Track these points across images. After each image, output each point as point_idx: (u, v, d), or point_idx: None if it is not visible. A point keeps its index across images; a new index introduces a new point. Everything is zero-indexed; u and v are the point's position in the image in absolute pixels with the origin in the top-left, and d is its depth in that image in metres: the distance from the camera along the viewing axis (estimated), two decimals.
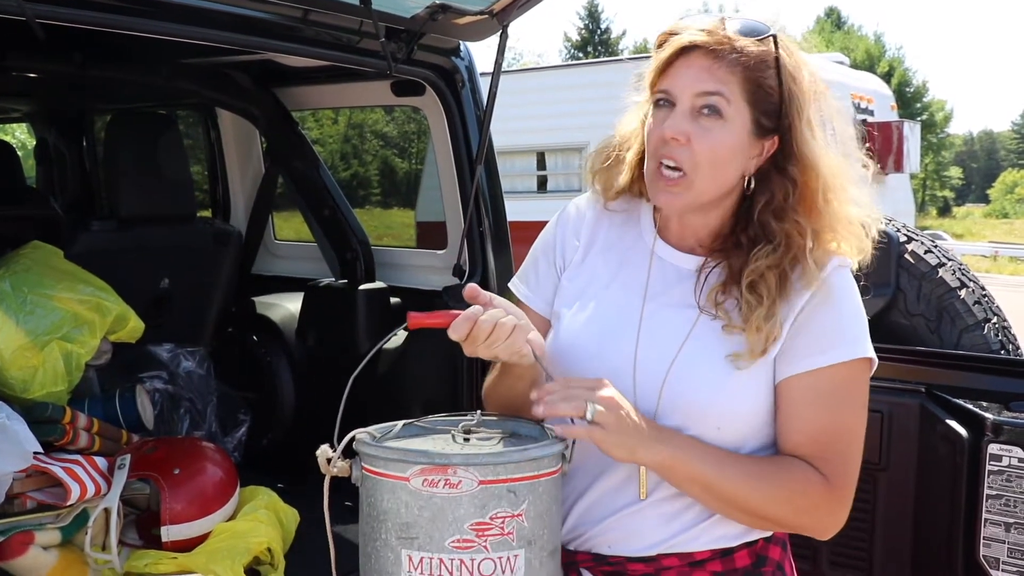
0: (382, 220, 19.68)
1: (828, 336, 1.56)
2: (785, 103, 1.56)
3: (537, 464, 1.41)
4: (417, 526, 1.37)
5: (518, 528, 1.38)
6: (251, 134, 4.09)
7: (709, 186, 1.58)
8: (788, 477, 1.54)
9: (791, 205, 1.58)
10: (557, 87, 10.88)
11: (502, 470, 1.37)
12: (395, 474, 1.39)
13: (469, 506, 1.36)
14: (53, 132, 5.16)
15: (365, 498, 1.45)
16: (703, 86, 1.53)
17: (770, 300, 1.55)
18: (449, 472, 1.36)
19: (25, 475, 2.37)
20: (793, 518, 1.57)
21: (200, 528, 2.57)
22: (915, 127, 11.97)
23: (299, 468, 3.41)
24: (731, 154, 1.56)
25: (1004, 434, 2.11)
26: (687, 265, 1.67)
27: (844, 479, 1.57)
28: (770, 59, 1.55)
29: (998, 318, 3.25)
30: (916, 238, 3.28)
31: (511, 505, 1.38)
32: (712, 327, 1.60)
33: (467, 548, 1.36)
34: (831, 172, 1.59)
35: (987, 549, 2.13)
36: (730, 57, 1.53)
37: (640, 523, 1.61)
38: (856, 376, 1.58)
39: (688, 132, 1.54)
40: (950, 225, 39.39)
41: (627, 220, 1.77)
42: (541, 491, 1.42)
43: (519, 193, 10.87)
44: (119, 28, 2.28)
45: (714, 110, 1.53)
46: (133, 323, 3.02)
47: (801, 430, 1.57)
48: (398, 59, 2.74)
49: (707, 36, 1.54)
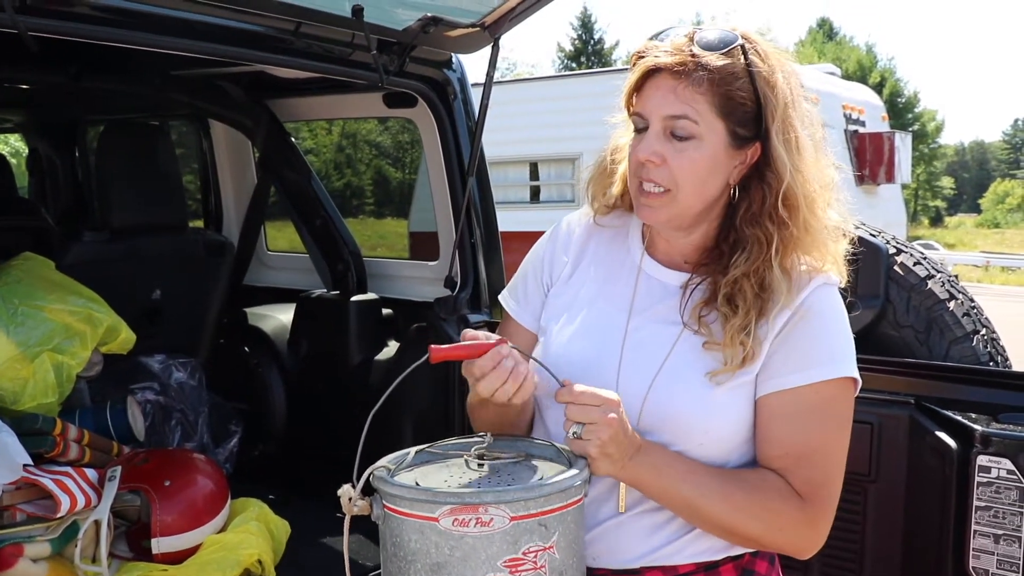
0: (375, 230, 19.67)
1: (810, 354, 1.56)
2: (763, 108, 1.56)
3: (565, 494, 1.39)
4: (449, 566, 1.33)
5: (550, 561, 1.37)
6: (243, 145, 4.10)
7: (694, 201, 1.58)
8: (764, 497, 1.54)
9: (766, 210, 1.58)
10: (550, 97, 10.90)
11: (532, 504, 1.35)
12: (423, 514, 1.35)
13: (501, 543, 1.33)
14: (46, 142, 5.15)
15: (389, 537, 1.40)
16: (670, 109, 1.54)
17: (745, 310, 1.55)
18: (480, 511, 1.33)
19: (15, 487, 2.36)
20: (768, 537, 1.57)
21: (191, 540, 2.57)
22: (906, 138, 12.01)
23: (290, 479, 3.42)
24: (710, 169, 1.57)
25: (993, 446, 2.11)
26: (673, 281, 1.68)
27: (821, 499, 1.56)
28: (739, 70, 1.54)
29: (987, 330, 3.26)
30: (905, 250, 3.29)
31: (542, 538, 1.36)
32: (694, 343, 1.60)
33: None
34: (804, 178, 1.58)
35: (976, 561, 2.13)
36: (695, 75, 1.53)
37: (623, 535, 1.61)
38: (838, 396, 1.58)
39: (662, 153, 1.55)
40: (942, 235, 39.49)
41: (616, 235, 1.78)
42: (570, 520, 1.40)
43: (512, 203, 10.86)
44: (112, 40, 2.29)
45: (685, 131, 1.54)
46: (124, 335, 3.01)
47: (779, 445, 1.56)
48: (390, 71, 2.75)
49: (670, 57, 1.54)
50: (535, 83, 13.51)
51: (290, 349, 3.61)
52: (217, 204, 4.25)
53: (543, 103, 10.83)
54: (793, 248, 1.59)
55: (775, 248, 1.57)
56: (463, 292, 3.11)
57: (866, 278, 3.17)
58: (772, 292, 1.56)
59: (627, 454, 1.49)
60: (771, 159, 1.57)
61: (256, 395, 3.61)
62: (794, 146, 1.58)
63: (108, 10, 2.24)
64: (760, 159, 1.59)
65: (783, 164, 1.57)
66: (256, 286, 4.12)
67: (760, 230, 1.58)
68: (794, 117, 1.58)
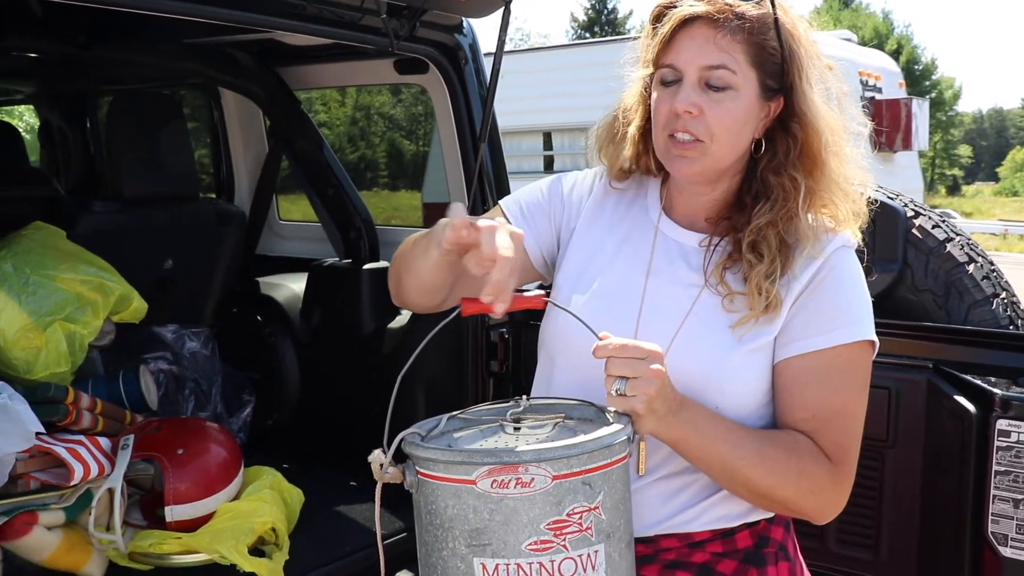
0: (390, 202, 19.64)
1: (830, 317, 1.55)
2: (786, 62, 1.55)
3: (609, 451, 1.32)
4: (489, 531, 1.27)
5: (596, 522, 1.29)
6: (254, 114, 4.07)
7: (727, 152, 1.57)
8: (798, 460, 1.52)
9: (791, 161, 1.58)
10: (563, 67, 10.84)
11: (575, 462, 1.28)
12: (459, 477, 1.27)
13: (544, 504, 1.26)
14: (56, 113, 5.14)
15: (424, 505, 1.33)
16: (708, 59, 1.52)
17: (771, 258, 1.54)
18: (520, 470, 1.26)
19: (28, 455, 2.37)
20: (799, 500, 1.54)
21: (204, 508, 2.57)
22: (924, 104, 11.91)
23: (304, 448, 3.43)
24: (744, 120, 1.55)
25: (1013, 410, 2.09)
26: (689, 241, 1.66)
27: (845, 461, 1.56)
28: (769, 20, 1.53)
29: (1007, 293, 3.22)
30: (924, 213, 3.25)
31: (587, 498, 1.29)
32: (714, 303, 1.58)
33: (546, 549, 1.26)
34: (830, 129, 1.59)
35: (995, 526, 2.11)
36: (732, 24, 1.51)
37: (638, 502, 1.59)
38: (858, 358, 1.57)
39: (699, 104, 1.53)
40: (959, 204, 39.23)
41: (635, 197, 1.76)
42: (615, 479, 1.33)
43: (525, 173, 10.83)
44: (119, 5, 2.26)
45: (722, 81, 1.52)
46: (136, 304, 3.01)
47: (804, 407, 1.55)
48: (400, 36, 2.72)
49: (707, 5, 1.52)
50: (548, 52, 13.45)
51: (302, 318, 3.60)
52: (228, 173, 4.23)
53: (556, 72, 10.78)
54: (819, 197, 1.58)
55: (803, 196, 1.56)
56: None
57: (884, 241, 3.13)
58: (799, 240, 1.55)
59: (672, 410, 1.44)
60: (797, 110, 1.57)
61: (269, 364, 3.60)
62: (819, 98, 1.58)
63: None
64: (783, 111, 1.58)
65: (809, 115, 1.57)
66: (268, 255, 4.11)
67: (786, 178, 1.57)
68: (815, 70, 1.58)
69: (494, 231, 1.34)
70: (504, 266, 1.32)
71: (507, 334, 2.97)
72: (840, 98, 1.63)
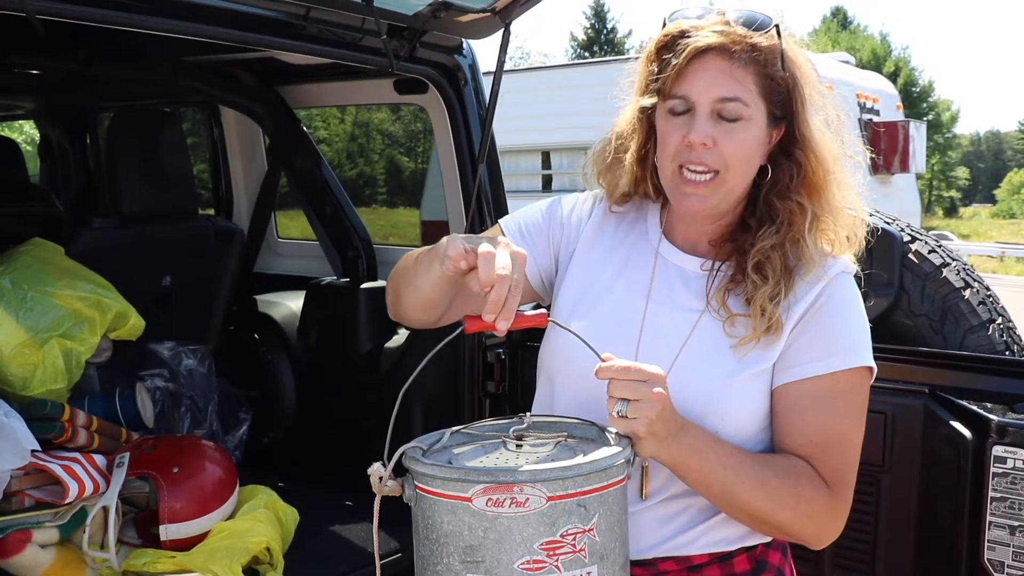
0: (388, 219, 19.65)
1: (828, 343, 1.56)
2: (790, 91, 1.57)
3: (606, 474, 1.32)
4: (483, 549, 1.27)
5: (590, 544, 1.30)
6: (254, 132, 4.08)
7: (740, 181, 1.58)
8: (796, 484, 1.52)
9: (795, 186, 1.59)
10: (562, 86, 10.87)
11: (571, 484, 1.28)
12: (455, 494, 1.29)
13: (538, 525, 1.27)
14: (57, 129, 5.15)
15: (421, 519, 1.34)
16: (723, 91, 1.52)
17: (775, 280, 1.55)
18: (515, 490, 1.26)
19: (23, 473, 2.36)
20: (797, 524, 1.55)
21: (199, 527, 2.56)
22: (921, 127, 11.95)
23: (300, 466, 3.42)
24: (756, 149, 1.57)
25: (1009, 436, 2.09)
26: (691, 266, 1.66)
27: (843, 486, 1.57)
28: (777, 50, 1.55)
29: (1003, 318, 3.22)
30: (920, 238, 3.25)
31: (582, 520, 1.29)
32: (714, 328, 1.59)
33: (538, 569, 1.27)
34: (831, 156, 1.60)
35: (991, 552, 2.11)
36: (744, 56, 1.52)
37: (636, 525, 1.58)
38: (856, 385, 1.57)
39: (714, 135, 1.53)
40: (957, 225, 39.25)
41: (635, 220, 1.76)
42: (611, 502, 1.33)
43: (524, 192, 10.84)
44: (121, 25, 2.27)
45: (735, 113, 1.53)
46: (134, 321, 3.01)
47: (802, 432, 1.56)
48: (400, 57, 2.73)
49: (721, 37, 1.52)
50: (548, 71, 13.49)
51: (300, 336, 3.60)
52: (227, 191, 4.24)
53: (556, 92, 10.80)
54: (822, 222, 1.60)
55: (809, 220, 1.57)
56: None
57: (880, 266, 3.14)
58: (801, 264, 1.57)
59: (672, 433, 1.44)
60: (799, 137, 1.58)
61: (266, 382, 3.60)
62: (820, 125, 1.60)
63: None
64: (784, 138, 1.60)
65: (812, 142, 1.58)
66: (266, 273, 4.11)
67: (792, 203, 1.58)
68: (816, 97, 1.60)
69: (492, 257, 1.34)
70: (503, 284, 1.32)
71: (504, 355, 2.97)
72: (837, 125, 1.65)
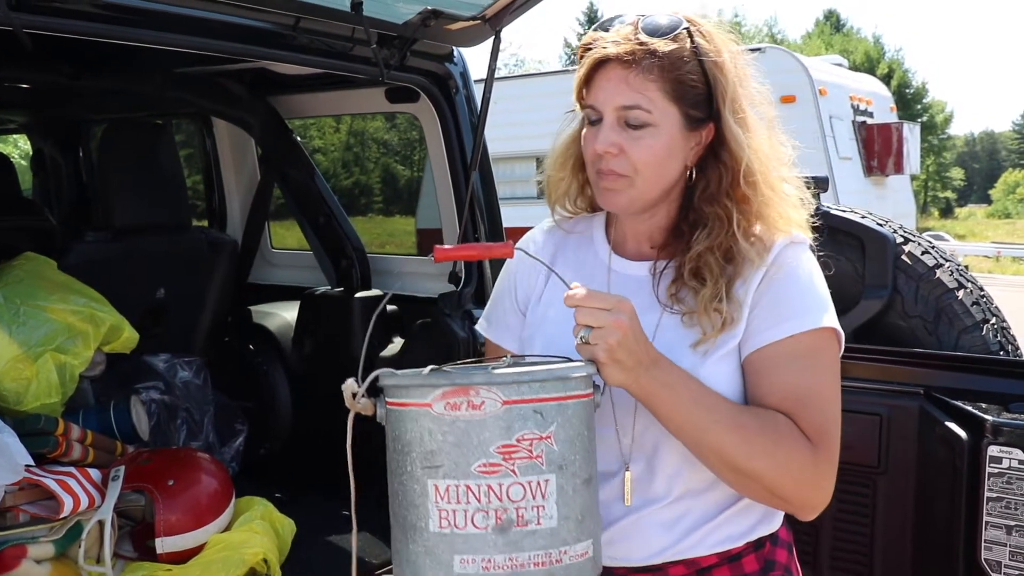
0: (384, 228, 19.65)
1: (782, 309, 1.55)
2: (712, 91, 1.56)
3: (564, 385, 1.35)
4: (442, 453, 1.31)
5: (547, 452, 1.32)
6: (247, 143, 4.08)
7: (652, 186, 1.59)
8: (775, 430, 1.49)
9: (723, 189, 1.59)
10: (556, 92, 10.83)
11: (527, 389, 1.32)
12: (417, 401, 1.33)
13: (494, 428, 1.30)
14: (49, 142, 5.16)
15: (390, 434, 1.39)
16: (622, 100, 1.54)
17: (714, 281, 1.55)
18: (471, 393, 1.31)
19: (17, 488, 2.35)
20: (775, 475, 1.49)
21: (195, 540, 2.55)
22: (915, 128, 11.98)
23: (296, 477, 3.41)
24: (667, 153, 1.57)
25: (1004, 436, 2.09)
26: (642, 272, 1.67)
27: (826, 442, 1.52)
28: (686, 53, 1.55)
29: (997, 319, 3.23)
30: (913, 239, 3.26)
31: (538, 427, 1.32)
32: (674, 323, 1.59)
33: (494, 472, 1.30)
34: (758, 155, 1.59)
35: (988, 552, 2.11)
36: (644, 63, 1.53)
37: (640, 531, 1.59)
38: (821, 344, 1.56)
39: (619, 143, 1.55)
40: (952, 226, 39.35)
41: (581, 240, 1.79)
42: (570, 414, 1.35)
43: (518, 199, 10.85)
44: (110, 38, 2.27)
45: (639, 120, 1.54)
46: (127, 334, 3.00)
47: (773, 392, 1.54)
48: (391, 65, 2.74)
49: (617, 47, 1.54)
50: (541, 78, 13.51)
51: (295, 347, 3.60)
52: (221, 202, 4.24)
53: (549, 98, 10.78)
54: (755, 220, 1.60)
55: (736, 223, 1.57)
56: (467, 287, 3.09)
57: (874, 268, 3.15)
58: (743, 259, 1.57)
59: (641, 364, 1.44)
60: (725, 139, 1.58)
61: (261, 393, 3.60)
62: (746, 125, 1.59)
63: (106, 6, 2.23)
64: (714, 139, 1.60)
65: (737, 143, 1.58)
66: (260, 284, 4.11)
67: (719, 207, 1.59)
68: (743, 96, 1.60)
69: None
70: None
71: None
72: (770, 123, 1.65)
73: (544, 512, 1.32)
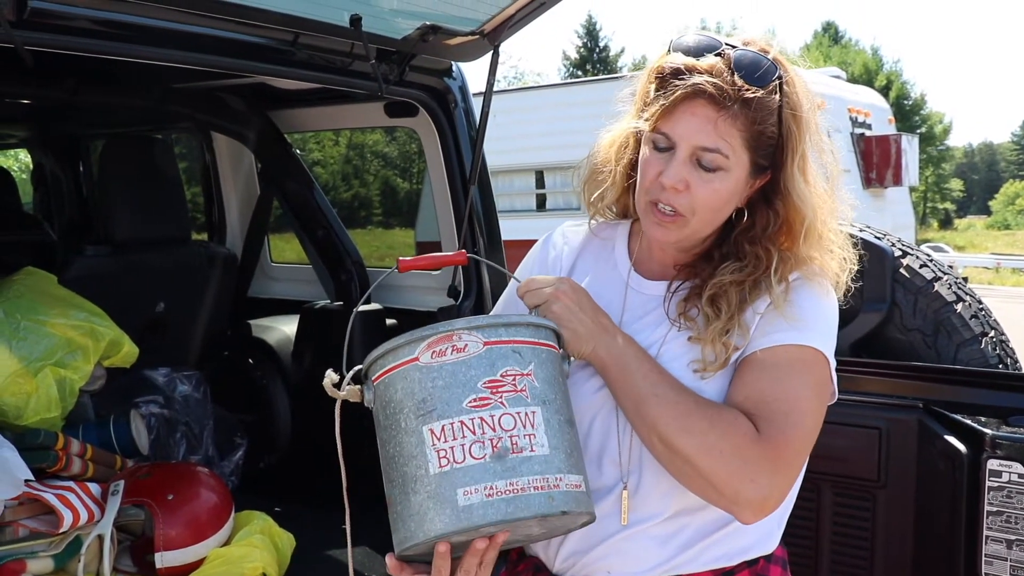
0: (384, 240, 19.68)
1: (775, 323, 1.55)
2: (782, 144, 1.54)
3: (535, 332, 1.45)
4: (433, 398, 1.37)
5: (530, 386, 1.40)
6: (246, 157, 4.09)
7: (705, 227, 1.58)
8: (714, 412, 1.48)
9: (768, 235, 1.58)
10: (556, 105, 10.91)
11: (503, 332, 1.41)
12: (405, 359, 1.40)
13: (479, 366, 1.38)
14: (49, 157, 5.17)
15: (381, 408, 1.44)
16: (705, 141, 1.50)
17: (728, 315, 1.54)
18: (455, 338, 1.39)
19: (17, 503, 2.35)
20: (704, 458, 1.45)
21: (194, 554, 2.55)
22: (913, 140, 12.00)
23: (296, 491, 3.41)
24: (729, 199, 1.55)
25: (1003, 449, 2.09)
26: (659, 292, 1.67)
27: (777, 440, 1.47)
28: (774, 106, 1.52)
29: (995, 332, 3.22)
30: (911, 252, 3.26)
31: (519, 364, 1.40)
32: (679, 339, 1.59)
33: (485, 405, 1.36)
34: (814, 211, 1.58)
35: (989, 567, 2.10)
36: (734, 109, 1.49)
37: (635, 547, 1.59)
38: (807, 360, 1.54)
39: (687, 180, 1.52)
40: (952, 237, 39.39)
41: (603, 248, 1.77)
42: (544, 357, 1.44)
43: (518, 212, 10.87)
44: (110, 54, 2.28)
45: (714, 164, 1.51)
46: (127, 348, 3.01)
47: (741, 391, 1.53)
48: (389, 80, 2.75)
49: (714, 86, 1.49)
50: (541, 91, 13.55)
51: (294, 360, 3.60)
52: (220, 216, 4.24)
53: (549, 111, 10.85)
54: (793, 268, 1.59)
55: (774, 267, 1.56)
56: (466, 301, 3.09)
57: (872, 281, 3.14)
58: (763, 296, 1.56)
59: (594, 335, 1.52)
60: (784, 189, 1.57)
61: (260, 407, 3.60)
62: (808, 178, 1.57)
63: (106, 23, 2.24)
64: (768, 185, 1.58)
65: (794, 195, 1.56)
66: (260, 298, 4.11)
67: (760, 249, 1.58)
68: (811, 148, 1.58)
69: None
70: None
71: None
72: (833, 178, 1.63)
73: (536, 440, 1.37)
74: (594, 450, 1.61)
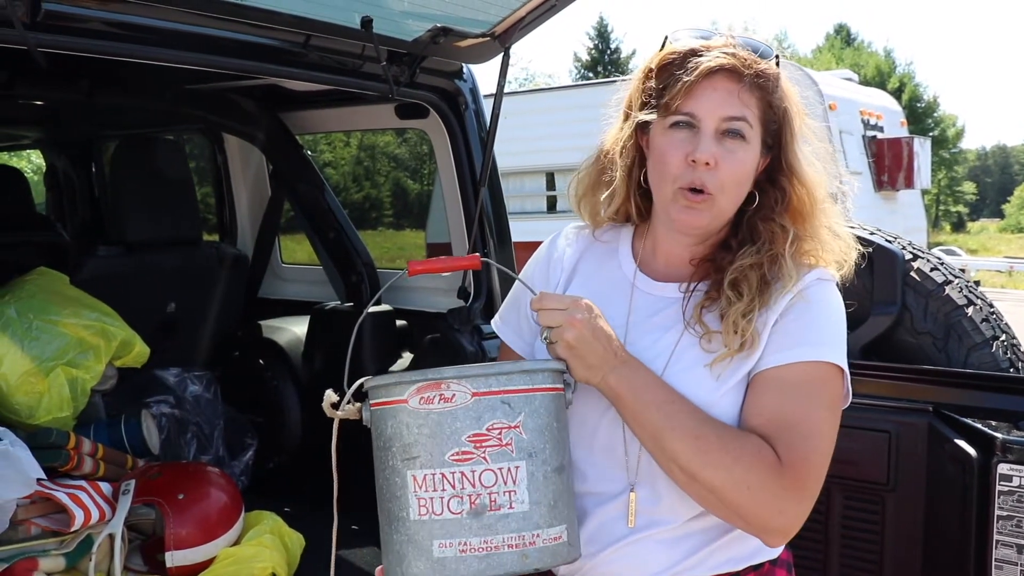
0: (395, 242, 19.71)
1: (795, 336, 1.55)
2: (782, 121, 1.59)
3: (530, 378, 1.43)
4: (418, 444, 1.39)
5: (516, 440, 1.39)
6: (257, 158, 4.10)
7: (730, 206, 1.59)
8: (737, 447, 1.47)
9: (779, 211, 1.61)
10: (567, 107, 10.90)
11: (494, 382, 1.40)
12: (395, 398, 1.41)
13: (465, 418, 1.38)
14: (62, 158, 5.20)
15: (375, 433, 1.47)
16: (730, 111, 1.54)
17: (750, 297, 1.55)
18: (443, 387, 1.39)
19: (29, 501, 2.37)
20: (732, 492, 1.46)
21: (205, 553, 2.56)
22: (925, 143, 11.95)
23: (306, 491, 3.41)
24: (750, 173, 1.58)
25: (1014, 454, 2.08)
26: (668, 293, 1.67)
27: (798, 473, 1.48)
28: (778, 80, 1.58)
29: (1007, 336, 3.21)
30: (922, 255, 3.25)
31: (507, 416, 1.39)
32: (692, 344, 1.59)
33: (467, 460, 1.37)
34: (815, 186, 1.62)
35: (999, 572, 2.09)
36: (751, 80, 1.55)
37: (641, 551, 1.59)
38: (823, 378, 1.54)
39: (716, 155, 1.54)
40: (965, 240, 39.22)
41: (606, 251, 1.77)
42: (537, 405, 1.43)
43: (529, 214, 10.88)
44: (122, 56, 2.29)
45: (738, 133, 1.54)
46: (139, 348, 3.02)
47: (758, 413, 1.53)
48: (400, 82, 2.75)
49: (732, 59, 1.54)
50: (552, 93, 13.55)
51: (305, 361, 3.61)
52: (231, 217, 4.26)
53: (560, 113, 10.84)
54: (805, 243, 1.62)
55: (790, 239, 1.59)
56: (476, 302, 3.10)
57: (882, 284, 3.13)
58: (780, 278, 1.57)
59: (606, 362, 1.49)
60: (786, 166, 1.61)
61: (271, 408, 3.61)
62: (809, 156, 1.63)
63: (118, 25, 2.25)
64: (770, 167, 1.62)
65: (797, 171, 1.61)
66: (270, 298, 4.12)
67: (775, 225, 1.60)
68: (805, 131, 1.63)
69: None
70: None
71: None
72: (823, 158, 1.67)
73: (516, 497, 1.38)
74: (603, 451, 1.61)
